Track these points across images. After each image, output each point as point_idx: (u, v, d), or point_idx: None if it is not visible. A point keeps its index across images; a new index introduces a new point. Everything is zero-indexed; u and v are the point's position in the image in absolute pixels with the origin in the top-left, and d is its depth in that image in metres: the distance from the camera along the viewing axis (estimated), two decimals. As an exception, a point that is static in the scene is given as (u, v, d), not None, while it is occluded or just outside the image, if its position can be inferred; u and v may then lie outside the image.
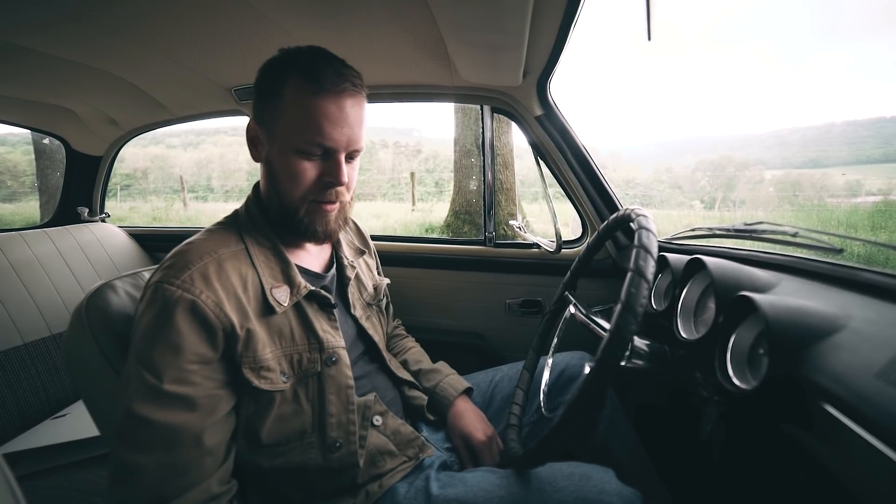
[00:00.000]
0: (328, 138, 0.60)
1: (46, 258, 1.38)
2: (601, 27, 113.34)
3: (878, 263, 0.75)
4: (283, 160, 0.62)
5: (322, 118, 0.59)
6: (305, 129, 0.59)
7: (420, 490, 0.65)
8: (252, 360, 0.59)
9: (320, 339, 0.65)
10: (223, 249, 0.61)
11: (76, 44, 0.95)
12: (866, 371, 0.40)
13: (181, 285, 0.55)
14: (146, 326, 0.55)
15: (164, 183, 16.34)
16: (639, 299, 0.47)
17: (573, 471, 0.62)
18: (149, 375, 0.53)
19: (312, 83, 0.59)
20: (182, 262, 0.58)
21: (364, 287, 0.83)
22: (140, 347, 0.54)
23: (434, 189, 11.37)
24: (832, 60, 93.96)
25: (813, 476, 0.52)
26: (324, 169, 0.62)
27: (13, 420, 1.11)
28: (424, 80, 1.13)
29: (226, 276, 0.59)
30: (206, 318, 0.55)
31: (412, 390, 0.84)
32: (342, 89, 0.60)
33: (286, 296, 0.63)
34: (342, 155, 0.62)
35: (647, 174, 19.23)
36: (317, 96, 0.59)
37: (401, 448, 0.71)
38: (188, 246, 0.61)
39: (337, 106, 0.60)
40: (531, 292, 1.25)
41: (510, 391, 0.87)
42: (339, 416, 0.65)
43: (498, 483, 0.62)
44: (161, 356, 0.53)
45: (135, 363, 0.54)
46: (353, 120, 0.61)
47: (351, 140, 0.62)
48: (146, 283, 0.59)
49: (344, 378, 0.66)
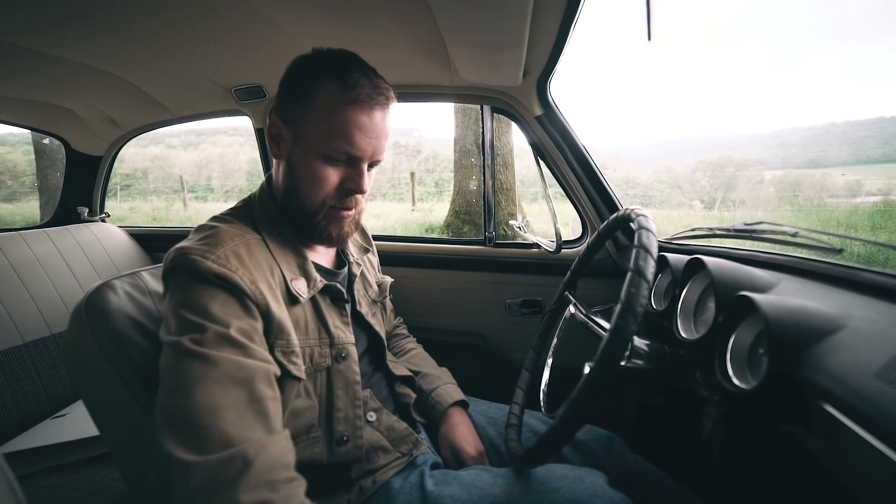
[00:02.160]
0: (356, 148, 0.60)
1: (46, 258, 1.38)
2: (601, 27, 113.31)
3: (878, 263, 0.76)
4: (307, 163, 0.62)
5: (353, 128, 0.59)
6: (335, 137, 0.60)
7: (415, 486, 0.65)
8: (286, 344, 0.59)
9: (332, 335, 0.66)
10: (249, 235, 0.62)
11: (76, 44, 0.95)
12: (866, 371, 0.40)
13: (216, 260, 0.55)
14: (189, 290, 0.53)
15: (164, 183, 16.36)
16: (639, 299, 0.47)
17: (566, 473, 0.62)
18: (204, 320, 0.51)
19: (348, 92, 0.59)
20: (214, 240, 0.57)
21: (369, 284, 0.84)
22: (187, 303, 0.53)
23: (434, 189, 11.38)
24: (832, 60, 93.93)
25: (813, 476, 0.52)
26: (346, 175, 0.63)
27: (13, 420, 1.11)
28: (424, 80, 1.13)
29: (255, 260, 0.59)
30: (245, 294, 0.55)
31: (404, 387, 0.84)
32: (376, 102, 0.61)
33: (305, 288, 0.65)
34: (366, 164, 0.63)
35: (647, 174, 19.24)
36: (350, 106, 0.59)
37: (394, 444, 0.71)
38: (211, 230, 0.60)
39: (368, 117, 0.60)
40: (531, 292, 1.25)
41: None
42: (346, 411, 0.66)
43: (492, 482, 0.62)
44: (218, 307, 0.52)
45: (183, 316, 0.52)
46: (381, 131, 0.62)
47: (376, 150, 0.63)
48: (174, 257, 0.56)
49: (352, 374, 0.68)
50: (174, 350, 0.51)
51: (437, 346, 1.02)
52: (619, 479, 0.73)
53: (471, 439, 0.78)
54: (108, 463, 0.97)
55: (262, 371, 0.52)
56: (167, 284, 0.57)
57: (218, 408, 0.47)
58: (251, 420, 0.49)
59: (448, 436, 0.79)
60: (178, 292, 0.54)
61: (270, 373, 0.54)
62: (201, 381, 0.48)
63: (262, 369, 0.53)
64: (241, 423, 0.48)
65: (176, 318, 0.53)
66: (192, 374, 0.49)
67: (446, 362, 0.96)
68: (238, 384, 0.50)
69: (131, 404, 0.59)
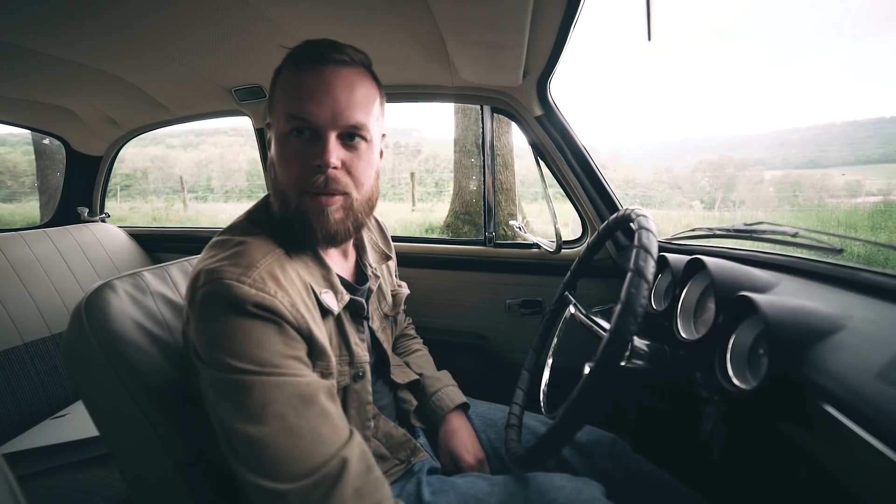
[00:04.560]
0: (307, 112, 0.54)
1: (46, 258, 1.38)
2: (601, 27, 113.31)
3: (878, 263, 0.76)
4: (276, 151, 0.59)
5: (301, 91, 0.55)
6: (287, 108, 0.56)
7: (411, 495, 0.65)
8: (325, 366, 0.56)
9: (352, 353, 0.63)
10: (276, 249, 0.57)
11: (76, 44, 0.95)
12: (866, 371, 0.40)
13: (253, 285, 0.50)
14: (223, 324, 0.49)
15: (164, 183, 16.36)
16: (639, 299, 0.47)
17: (564, 484, 0.61)
18: (248, 364, 0.47)
19: (295, 61, 0.57)
20: (246, 260, 0.52)
21: (384, 298, 0.80)
22: (226, 346, 0.48)
23: (434, 189, 11.38)
24: (832, 60, 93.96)
25: (813, 476, 0.52)
26: (312, 152, 0.56)
27: (13, 420, 1.11)
28: (424, 80, 1.13)
29: (289, 278, 0.55)
30: (286, 320, 0.51)
31: (406, 392, 0.83)
32: (325, 59, 0.56)
33: (334, 301, 0.60)
34: (330, 133, 0.55)
35: (647, 174, 19.26)
36: (296, 70, 0.56)
37: (392, 451, 0.70)
38: (239, 245, 0.55)
39: (317, 77, 0.55)
40: (531, 292, 1.25)
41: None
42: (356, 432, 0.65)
43: (489, 491, 0.62)
44: (257, 347, 0.48)
45: (224, 361, 0.48)
46: (339, 91, 0.55)
47: (337, 114, 0.55)
48: (197, 279, 0.52)
49: (366, 394, 0.65)
50: (224, 381, 0.48)
51: (436, 346, 1.02)
52: (622, 480, 0.73)
53: (470, 447, 0.77)
54: (108, 463, 0.97)
55: (323, 386, 0.51)
56: (198, 311, 0.51)
57: (293, 429, 0.47)
58: (327, 435, 0.48)
59: (447, 444, 0.78)
60: (215, 323, 0.49)
61: (330, 387, 0.53)
62: (271, 405, 0.47)
63: (322, 385, 0.51)
64: (319, 440, 0.47)
65: (219, 350, 0.49)
66: (256, 400, 0.47)
67: (446, 362, 0.95)
68: (306, 402, 0.48)
69: (130, 405, 0.59)
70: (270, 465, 0.45)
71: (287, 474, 0.45)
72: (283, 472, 0.45)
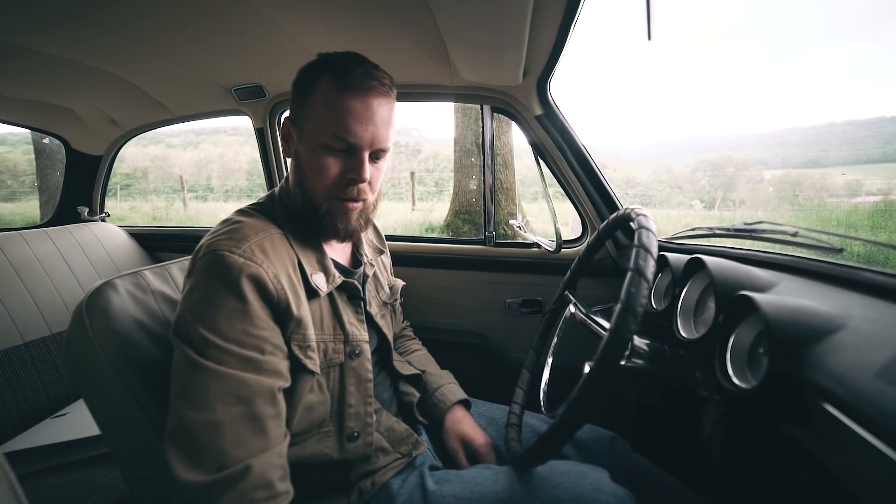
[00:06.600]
0: (352, 134, 0.61)
1: (46, 258, 1.38)
2: (601, 27, 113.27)
3: (878, 263, 0.75)
4: (309, 155, 0.64)
5: (347, 114, 0.60)
6: (332, 125, 0.61)
7: (415, 486, 0.65)
8: (302, 338, 0.60)
9: (346, 332, 0.67)
10: (271, 230, 0.63)
11: (76, 44, 0.95)
12: (866, 371, 0.40)
13: (243, 254, 0.56)
14: (207, 292, 0.54)
15: (164, 182, 16.36)
16: (639, 299, 0.47)
17: (569, 469, 0.63)
18: (213, 336, 0.52)
19: (342, 80, 0.61)
20: (239, 235, 0.58)
21: (381, 286, 0.84)
22: (200, 312, 0.53)
23: (434, 189, 11.38)
24: (832, 60, 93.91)
25: (813, 476, 0.52)
26: (347, 165, 0.63)
27: (13, 419, 1.11)
28: (424, 80, 1.13)
29: (279, 254, 0.60)
30: (268, 289, 0.56)
31: (408, 385, 0.84)
32: (369, 87, 0.61)
33: (324, 283, 0.66)
34: (366, 153, 0.63)
35: (647, 174, 19.25)
36: (343, 93, 0.61)
37: (394, 445, 0.71)
38: (236, 224, 0.61)
39: (363, 103, 0.61)
40: (531, 292, 1.25)
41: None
42: (358, 408, 0.67)
43: (494, 479, 0.63)
44: (227, 321, 0.53)
45: (194, 327, 0.52)
46: (379, 119, 0.62)
47: (375, 138, 0.63)
48: (199, 251, 0.58)
49: (364, 371, 0.69)
50: (184, 357, 0.52)
51: (436, 346, 1.03)
52: (622, 478, 0.73)
53: (478, 431, 0.80)
54: (108, 463, 0.97)
55: (265, 388, 0.54)
56: (193, 279, 0.56)
57: (217, 424, 0.49)
58: (247, 438, 0.51)
59: (455, 428, 0.80)
60: (198, 292, 0.55)
61: (275, 389, 0.55)
62: (207, 395, 0.50)
63: (265, 387, 0.54)
64: (237, 442, 0.50)
65: (191, 320, 0.53)
66: (198, 385, 0.51)
67: (446, 362, 0.96)
68: (240, 402, 0.51)
69: (131, 404, 0.59)
70: (188, 448, 0.49)
71: (198, 464, 0.48)
72: (195, 459, 0.48)
